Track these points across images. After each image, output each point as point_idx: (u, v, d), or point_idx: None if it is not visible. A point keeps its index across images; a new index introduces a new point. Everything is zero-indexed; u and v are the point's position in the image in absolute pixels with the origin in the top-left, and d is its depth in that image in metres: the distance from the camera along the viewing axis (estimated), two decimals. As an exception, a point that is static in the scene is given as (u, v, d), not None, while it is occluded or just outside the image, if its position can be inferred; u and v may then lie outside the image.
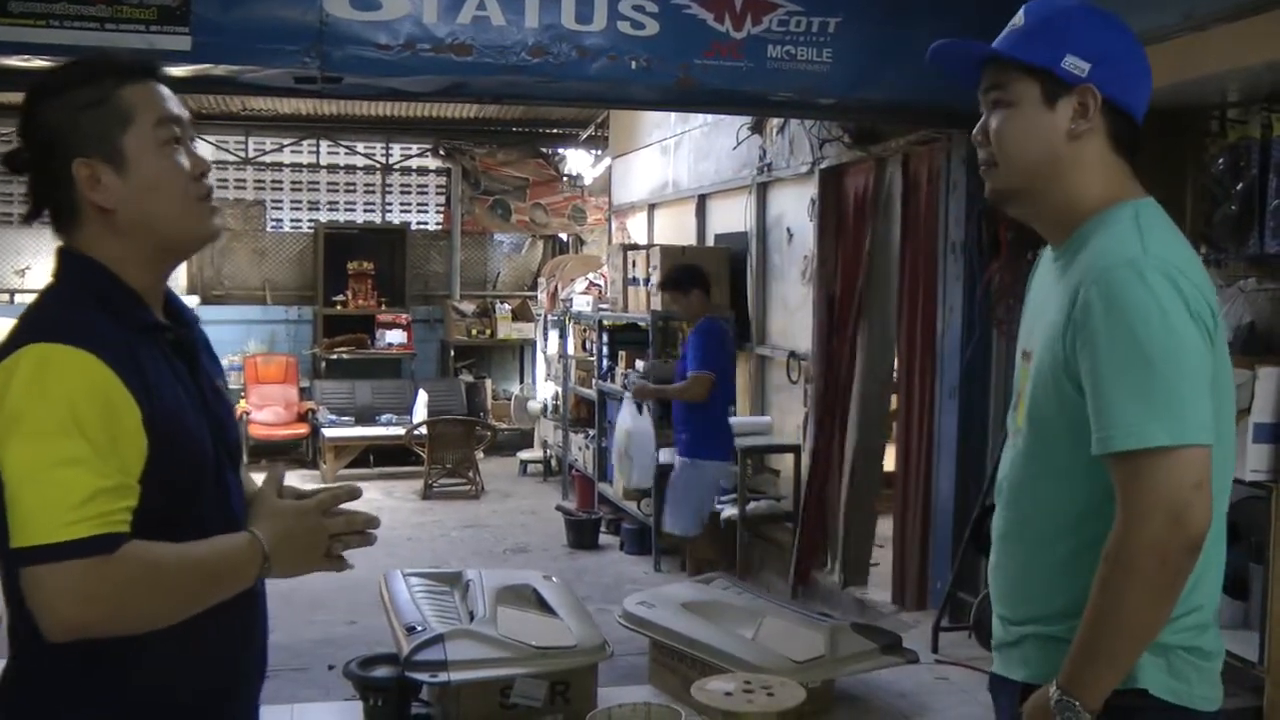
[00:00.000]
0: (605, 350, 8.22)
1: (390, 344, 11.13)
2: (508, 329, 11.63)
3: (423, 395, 10.50)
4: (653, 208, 9.52)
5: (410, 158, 12.10)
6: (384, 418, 10.45)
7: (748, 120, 7.20)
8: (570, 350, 9.29)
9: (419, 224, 12.21)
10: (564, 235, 12.46)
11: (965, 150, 5.16)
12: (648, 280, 7.47)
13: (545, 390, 10.50)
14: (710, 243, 8.25)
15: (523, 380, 12.05)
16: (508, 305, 11.79)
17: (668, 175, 9.01)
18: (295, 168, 11.88)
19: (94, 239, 1.60)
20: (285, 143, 11.62)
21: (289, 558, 1.65)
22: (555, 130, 11.83)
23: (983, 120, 1.83)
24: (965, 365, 5.27)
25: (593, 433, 8.47)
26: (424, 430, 9.78)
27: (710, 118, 7.88)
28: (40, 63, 3.85)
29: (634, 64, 4.43)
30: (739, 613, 4.59)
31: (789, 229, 7.08)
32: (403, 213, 12.19)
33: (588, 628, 4.28)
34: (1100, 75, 1.74)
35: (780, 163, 7.02)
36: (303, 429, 10.60)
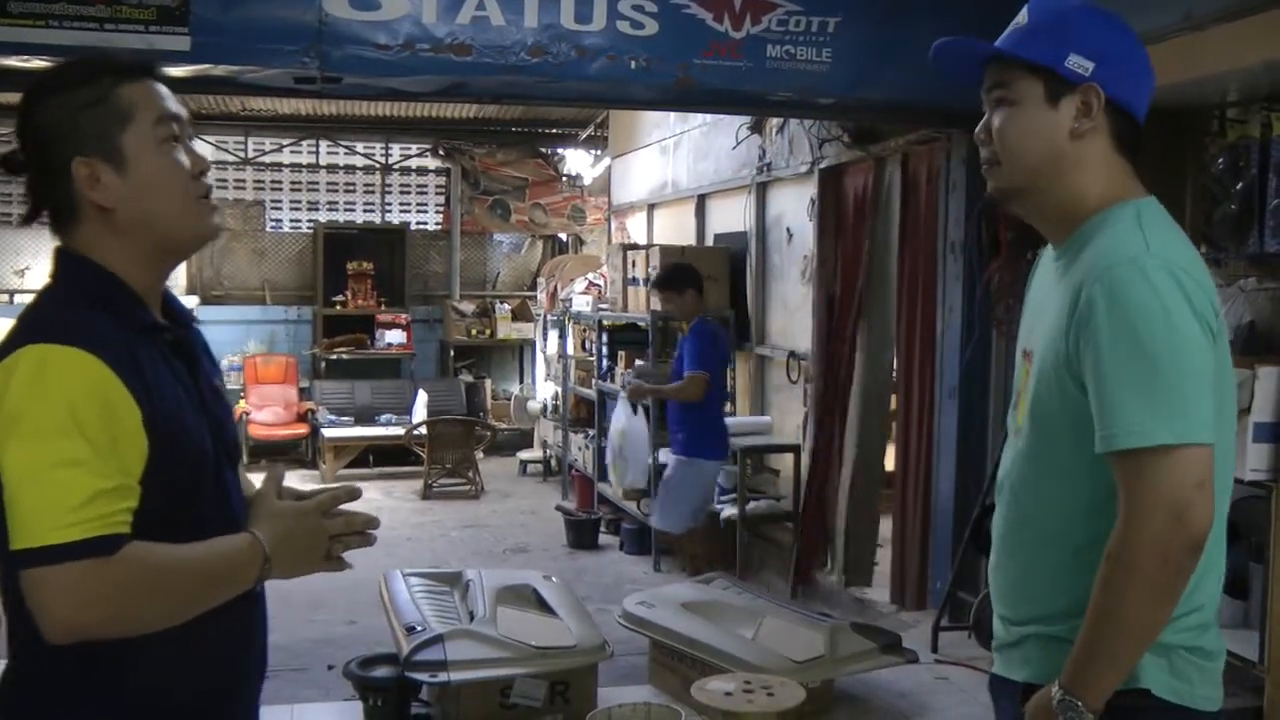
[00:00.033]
0: (605, 350, 8.22)
1: (390, 344, 11.13)
2: (507, 329, 11.62)
3: (422, 395, 10.49)
4: (652, 208, 9.52)
5: (410, 158, 12.10)
6: (383, 418, 10.45)
7: (747, 120, 7.20)
8: (570, 350, 9.29)
9: (418, 224, 12.20)
10: (563, 235, 12.46)
11: (965, 150, 5.16)
12: (647, 280, 7.47)
13: (545, 390, 10.50)
14: (710, 243, 8.24)
15: (522, 380, 12.04)
16: (507, 305, 11.79)
17: (667, 175, 9.01)
18: (295, 168, 11.88)
19: (93, 239, 1.60)
20: (285, 143, 11.62)
21: (289, 559, 1.65)
22: (555, 130, 11.83)
23: (985, 119, 1.83)
24: (965, 365, 5.27)
25: (592, 433, 8.47)
26: (423, 430, 9.78)
27: (709, 117, 7.88)
28: (40, 63, 3.84)
29: (633, 64, 4.43)
30: (739, 613, 4.58)
31: (788, 229, 7.08)
32: (402, 213, 12.19)
33: (588, 628, 4.28)
34: (1103, 75, 1.74)
35: (780, 162, 7.02)
36: (302, 429, 10.61)
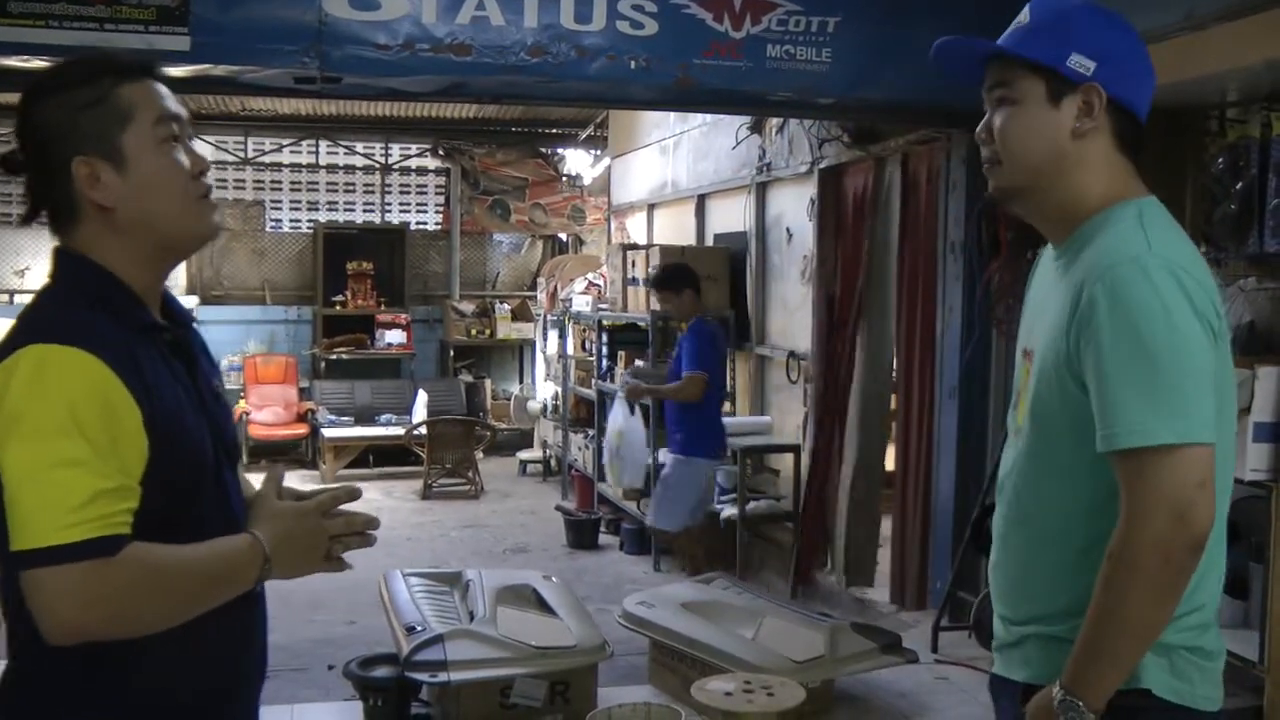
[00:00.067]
0: (605, 350, 8.22)
1: (390, 344, 11.13)
2: (507, 329, 11.62)
3: (422, 395, 10.49)
4: (652, 208, 9.51)
5: (409, 158, 12.10)
6: (383, 418, 10.45)
7: (747, 120, 7.20)
8: (570, 350, 9.29)
9: (418, 224, 12.20)
10: (563, 235, 12.46)
11: (965, 150, 5.16)
12: (647, 280, 7.46)
13: (545, 390, 10.50)
14: (710, 242, 8.24)
15: (522, 380, 12.04)
16: (507, 305, 11.79)
17: (667, 175, 9.01)
18: (294, 168, 11.87)
19: (93, 238, 1.59)
20: (284, 143, 11.62)
21: (289, 559, 1.64)
22: (554, 130, 11.83)
23: (987, 118, 1.83)
24: (965, 365, 5.27)
25: (592, 433, 8.46)
26: (423, 430, 9.78)
27: (709, 117, 7.87)
28: (39, 63, 3.84)
29: (633, 64, 4.43)
30: (739, 613, 4.58)
31: (788, 229, 7.08)
32: (402, 213, 12.19)
33: (587, 628, 4.28)
34: (1105, 74, 1.74)
35: (779, 162, 7.02)
36: (302, 429, 10.61)
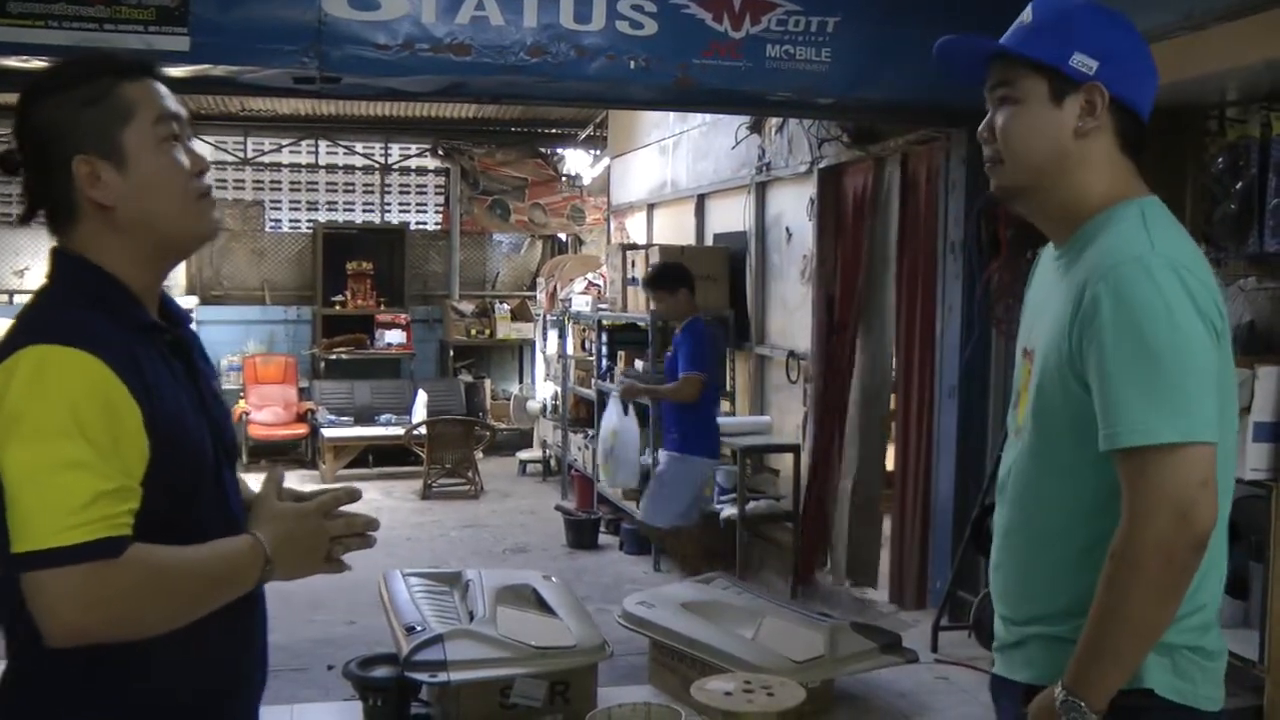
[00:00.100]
0: (604, 350, 8.21)
1: (389, 344, 11.13)
2: (507, 329, 11.62)
3: (422, 395, 10.49)
4: (652, 207, 9.51)
5: (409, 158, 12.09)
6: (383, 418, 10.44)
7: (746, 120, 7.19)
8: (569, 350, 9.28)
9: (418, 224, 12.20)
10: (563, 235, 12.45)
11: (964, 149, 5.16)
12: (641, 280, 7.43)
13: (544, 390, 10.50)
14: (709, 242, 8.24)
15: (522, 380, 12.04)
16: (507, 305, 11.79)
17: (666, 175, 9.01)
18: (294, 168, 11.87)
19: (92, 238, 1.59)
20: (284, 143, 11.61)
21: (290, 560, 1.64)
22: (554, 130, 11.83)
23: (989, 117, 1.83)
24: (964, 364, 5.27)
25: (592, 432, 8.45)
26: (423, 430, 9.77)
27: (709, 117, 7.87)
28: (39, 63, 3.85)
29: (633, 64, 4.43)
30: (739, 613, 4.59)
31: (788, 228, 7.08)
32: (401, 213, 12.18)
33: (587, 628, 4.28)
34: (1108, 73, 1.74)
35: (779, 162, 7.02)
36: (302, 429, 10.60)
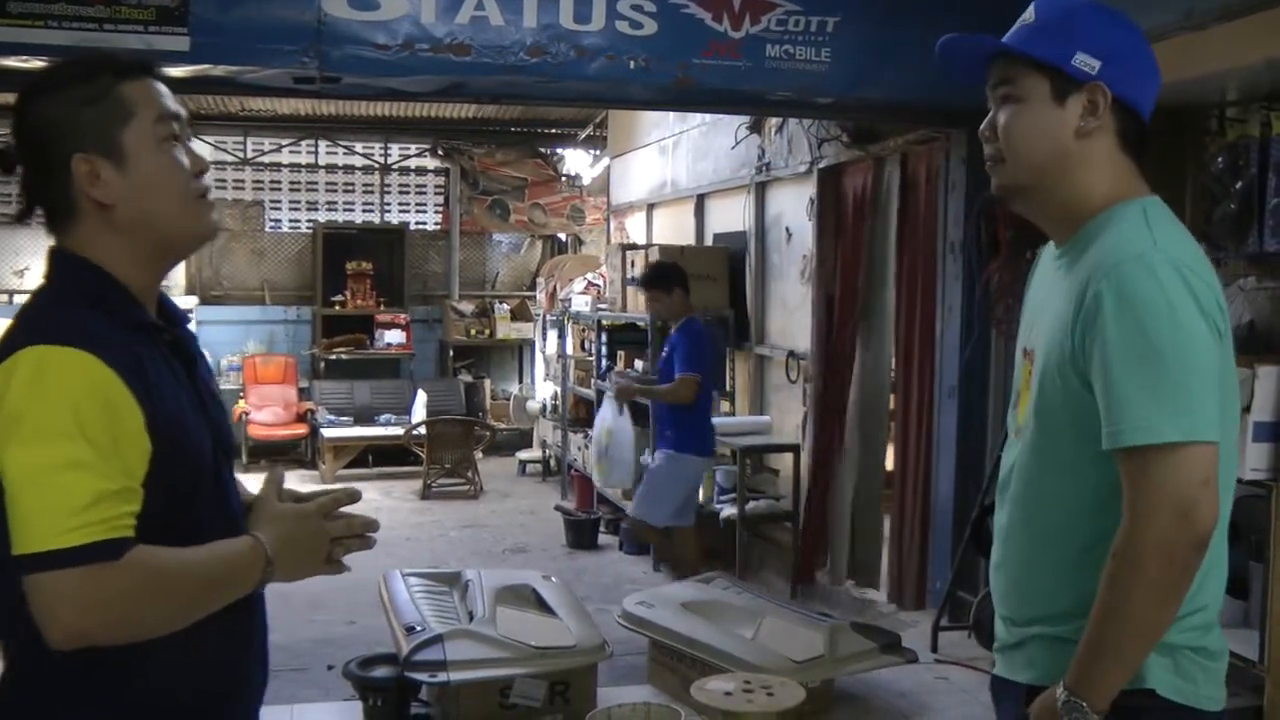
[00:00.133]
0: (604, 350, 8.21)
1: (389, 344, 11.12)
2: (506, 329, 11.61)
3: (421, 395, 10.49)
4: (651, 207, 9.51)
5: (409, 158, 12.09)
6: (383, 418, 10.44)
7: (746, 120, 7.20)
8: (569, 350, 9.28)
9: (418, 224, 12.19)
10: (563, 235, 12.45)
11: (964, 149, 5.16)
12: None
13: (544, 390, 10.49)
14: (709, 242, 8.24)
15: (521, 380, 12.04)
16: (506, 305, 11.78)
17: (666, 175, 9.01)
18: (294, 168, 11.86)
19: (91, 237, 1.58)
20: (284, 143, 11.61)
21: (291, 561, 1.64)
22: (554, 130, 11.82)
23: (990, 116, 1.82)
24: (964, 364, 5.27)
25: (591, 432, 8.45)
26: (423, 430, 9.77)
27: (708, 117, 7.87)
28: (39, 63, 3.84)
29: (632, 63, 4.44)
30: (739, 613, 4.59)
31: (788, 228, 7.08)
32: (401, 213, 12.18)
33: (587, 628, 4.28)
34: (1110, 73, 1.73)
35: (779, 162, 7.02)
36: (302, 429, 10.60)
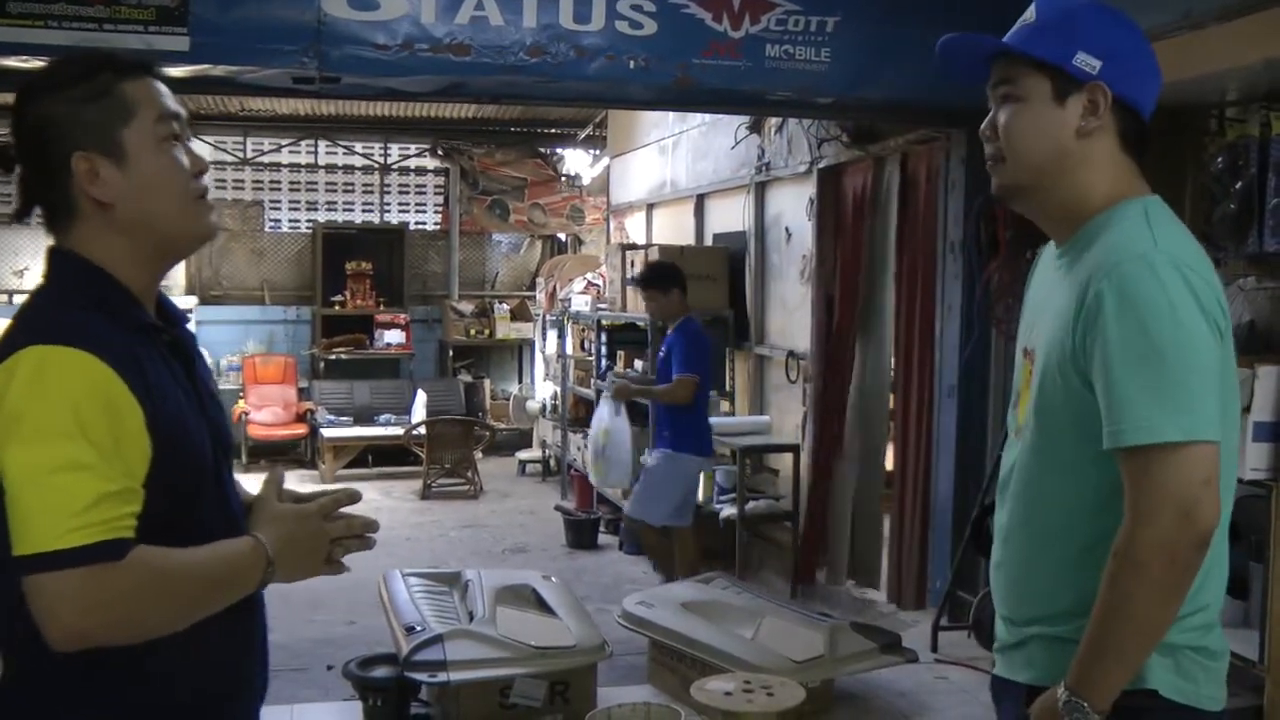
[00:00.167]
0: (604, 350, 8.21)
1: (389, 344, 11.12)
2: (506, 329, 11.61)
3: (421, 395, 10.49)
4: (651, 207, 9.51)
5: (408, 158, 12.09)
6: (382, 418, 10.44)
7: (746, 120, 7.19)
8: (569, 350, 9.28)
9: (417, 224, 12.19)
10: (562, 235, 12.45)
11: (964, 149, 5.16)
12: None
13: (544, 390, 10.49)
14: (709, 242, 8.24)
15: (521, 380, 12.04)
16: (506, 305, 11.78)
17: (666, 175, 9.00)
18: (293, 168, 11.86)
19: (90, 236, 1.58)
20: (283, 143, 11.60)
21: (291, 562, 1.64)
22: (553, 130, 11.82)
23: (991, 115, 1.82)
24: (964, 364, 5.27)
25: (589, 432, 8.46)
26: (422, 430, 9.77)
27: (708, 117, 7.87)
28: (39, 63, 3.85)
29: (632, 63, 4.44)
30: (739, 613, 4.59)
31: (787, 228, 7.08)
32: (401, 213, 12.18)
33: (587, 628, 4.28)
34: (1111, 73, 1.73)
35: (778, 162, 7.02)
36: (301, 429, 10.59)
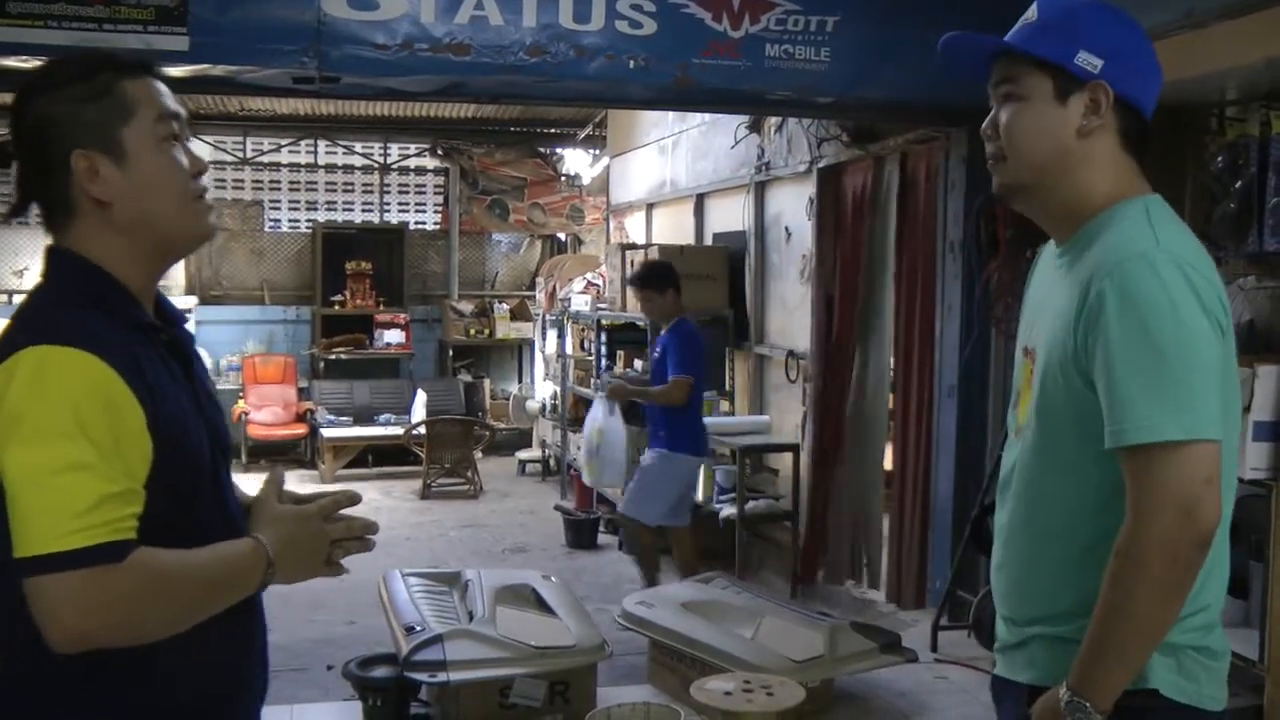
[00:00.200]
0: (603, 350, 8.21)
1: (388, 344, 11.12)
2: (506, 329, 11.61)
3: (421, 395, 10.49)
4: (651, 207, 9.51)
5: (408, 157, 12.09)
6: (382, 418, 10.44)
7: (745, 119, 7.19)
8: (568, 350, 9.28)
9: (417, 224, 12.19)
10: (562, 235, 12.44)
11: (964, 149, 5.16)
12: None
13: (543, 390, 10.49)
14: (708, 242, 8.24)
15: (521, 380, 12.04)
16: (506, 305, 11.78)
17: (666, 174, 9.00)
18: (293, 168, 11.85)
19: (88, 234, 1.58)
20: (283, 143, 11.60)
21: (292, 564, 1.63)
22: (553, 130, 11.82)
23: (992, 114, 1.82)
24: (964, 364, 5.27)
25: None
26: (422, 430, 9.77)
27: (708, 117, 7.87)
28: (38, 64, 3.84)
29: (632, 63, 4.43)
30: (738, 612, 4.59)
31: (787, 228, 7.08)
32: (401, 212, 12.18)
33: (587, 627, 4.28)
34: (1112, 72, 1.73)
35: (778, 162, 7.02)
36: (301, 429, 10.59)
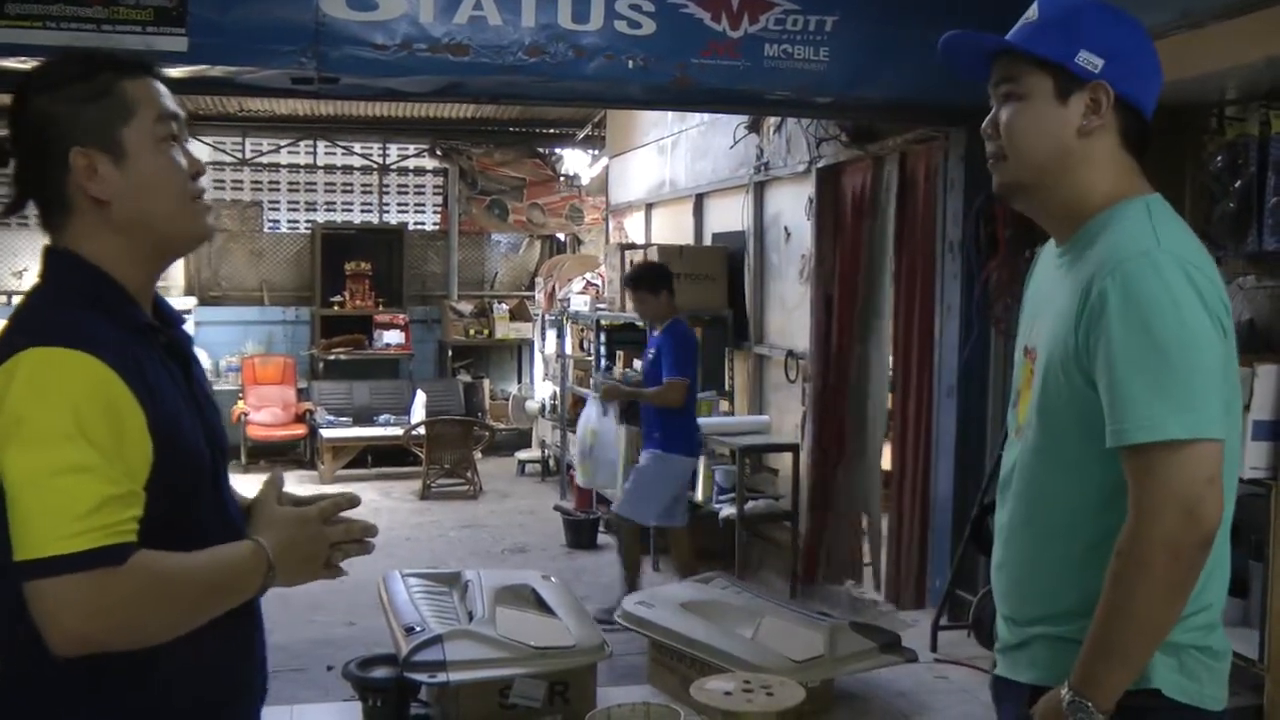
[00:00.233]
0: (603, 350, 8.21)
1: (388, 344, 11.13)
2: (505, 329, 11.61)
3: (420, 395, 10.49)
4: (650, 207, 9.51)
5: (407, 158, 12.09)
6: (382, 418, 10.44)
7: (745, 119, 7.19)
8: (568, 350, 9.28)
9: (416, 224, 12.19)
10: (561, 235, 12.44)
11: (963, 148, 5.16)
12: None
13: (543, 390, 10.49)
14: (708, 242, 8.24)
15: (520, 380, 12.04)
16: (505, 305, 11.78)
17: (665, 175, 9.00)
18: (292, 168, 11.85)
19: (85, 233, 1.57)
20: (282, 143, 11.60)
21: (292, 566, 1.63)
22: (552, 130, 11.82)
23: (993, 113, 1.82)
24: (963, 364, 5.27)
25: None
26: (422, 430, 9.77)
27: (707, 117, 7.87)
28: (37, 64, 3.85)
29: (631, 63, 4.43)
30: (738, 612, 4.59)
31: (786, 228, 7.08)
32: (400, 213, 12.18)
33: (586, 627, 4.28)
34: (1113, 72, 1.73)
35: (777, 162, 7.02)
36: (301, 430, 10.59)
